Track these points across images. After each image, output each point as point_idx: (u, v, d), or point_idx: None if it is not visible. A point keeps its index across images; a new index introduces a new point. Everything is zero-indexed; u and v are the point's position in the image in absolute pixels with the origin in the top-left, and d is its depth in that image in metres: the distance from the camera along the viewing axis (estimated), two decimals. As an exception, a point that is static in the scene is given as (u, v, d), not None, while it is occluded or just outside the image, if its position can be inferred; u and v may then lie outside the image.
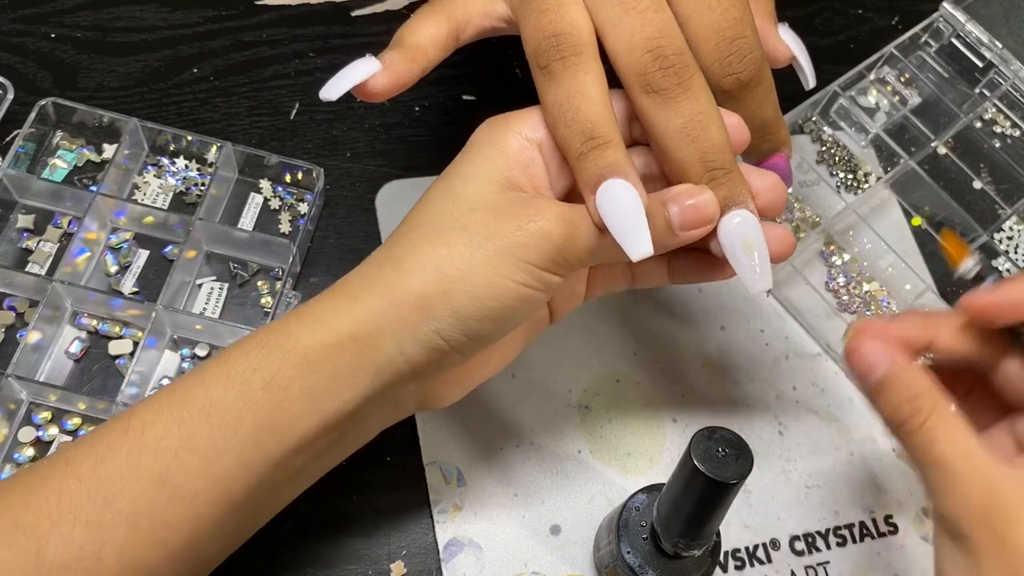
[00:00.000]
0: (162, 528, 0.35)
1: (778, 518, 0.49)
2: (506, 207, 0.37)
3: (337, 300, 0.38)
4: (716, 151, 0.37)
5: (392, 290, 0.37)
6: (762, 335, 0.54)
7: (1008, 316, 0.37)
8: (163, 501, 0.35)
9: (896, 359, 0.38)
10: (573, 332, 0.53)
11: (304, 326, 0.37)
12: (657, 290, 0.55)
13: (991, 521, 0.34)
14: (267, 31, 0.61)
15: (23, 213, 0.53)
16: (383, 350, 0.37)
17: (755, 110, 0.40)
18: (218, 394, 0.36)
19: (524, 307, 0.38)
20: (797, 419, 0.52)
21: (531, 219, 0.37)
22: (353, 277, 0.39)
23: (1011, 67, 0.59)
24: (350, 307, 0.37)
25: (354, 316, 0.37)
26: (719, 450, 0.35)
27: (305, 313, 0.38)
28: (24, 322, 0.49)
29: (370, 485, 0.47)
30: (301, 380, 0.36)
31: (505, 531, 0.47)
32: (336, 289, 0.39)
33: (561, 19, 0.38)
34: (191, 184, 0.55)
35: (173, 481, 0.35)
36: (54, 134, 0.55)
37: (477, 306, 0.36)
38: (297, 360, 0.36)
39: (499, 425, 0.49)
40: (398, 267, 0.37)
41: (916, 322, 0.40)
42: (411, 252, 0.37)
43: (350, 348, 0.37)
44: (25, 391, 0.47)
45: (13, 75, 0.56)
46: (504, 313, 0.37)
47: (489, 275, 0.36)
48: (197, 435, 0.35)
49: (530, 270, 0.37)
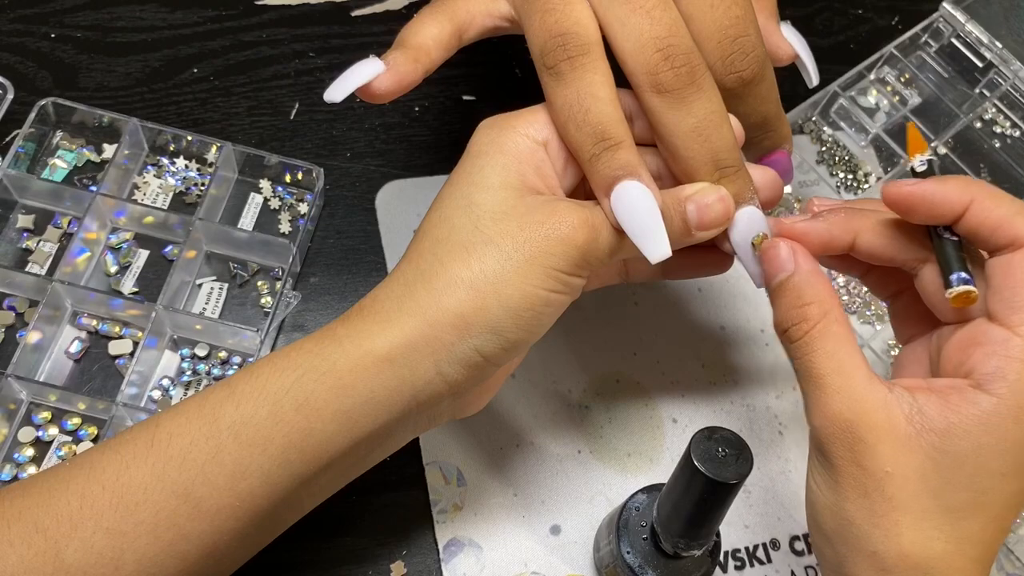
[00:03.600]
0: (183, 541, 0.35)
1: (778, 518, 0.49)
2: (528, 215, 0.37)
3: (369, 322, 0.37)
4: (727, 150, 0.38)
5: (427, 311, 0.36)
6: (762, 335, 0.54)
7: (924, 211, 0.36)
8: (186, 514, 0.35)
9: (801, 264, 0.38)
10: (573, 332, 0.53)
11: (339, 347, 0.37)
12: (657, 290, 0.55)
13: (851, 440, 0.35)
14: (267, 31, 0.61)
15: (23, 213, 0.53)
16: (420, 372, 0.37)
17: (757, 107, 0.40)
18: (249, 412, 0.35)
19: (555, 312, 0.38)
20: (797, 419, 0.52)
21: (556, 227, 0.37)
22: (382, 296, 0.38)
23: (1011, 67, 0.59)
24: (384, 329, 0.37)
25: (389, 339, 0.36)
26: (719, 450, 0.35)
27: (340, 335, 0.37)
28: (24, 322, 0.49)
29: (370, 485, 0.47)
30: (336, 404, 0.36)
31: (505, 531, 0.47)
32: (365, 310, 0.38)
33: (567, 18, 0.37)
34: (191, 184, 0.55)
35: (197, 495, 0.35)
36: (54, 134, 0.55)
37: (513, 318, 0.36)
38: (332, 383, 0.36)
39: (499, 425, 0.49)
40: (429, 286, 0.37)
41: (839, 222, 0.39)
42: (441, 270, 0.37)
43: (387, 372, 0.36)
44: (25, 391, 0.47)
45: (13, 75, 0.56)
46: (538, 320, 0.37)
47: (522, 286, 0.36)
48: (225, 451, 0.35)
49: (559, 276, 0.37)
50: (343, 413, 0.36)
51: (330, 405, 0.36)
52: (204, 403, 0.36)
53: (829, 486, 0.36)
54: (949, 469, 0.34)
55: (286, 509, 0.38)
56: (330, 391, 0.36)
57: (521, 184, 0.38)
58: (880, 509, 0.34)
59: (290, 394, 0.36)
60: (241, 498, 0.35)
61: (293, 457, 0.36)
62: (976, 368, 0.35)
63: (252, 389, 0.36)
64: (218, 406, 0.36)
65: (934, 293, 0.38)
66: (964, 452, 0.33)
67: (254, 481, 0.35)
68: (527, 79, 0.39)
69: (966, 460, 0.33)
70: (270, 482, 0.36)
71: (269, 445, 0.35)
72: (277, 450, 0.35)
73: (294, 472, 0.36)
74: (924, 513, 0.34)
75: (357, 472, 0.40)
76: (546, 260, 0.36)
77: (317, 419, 0.36)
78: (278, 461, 0.36)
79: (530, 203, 0.37)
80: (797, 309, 0.37)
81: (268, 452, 0.35)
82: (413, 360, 0.36)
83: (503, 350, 0.37)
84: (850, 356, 0.36)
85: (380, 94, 0.40)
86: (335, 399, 0.36)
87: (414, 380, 0.37)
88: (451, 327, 0.36)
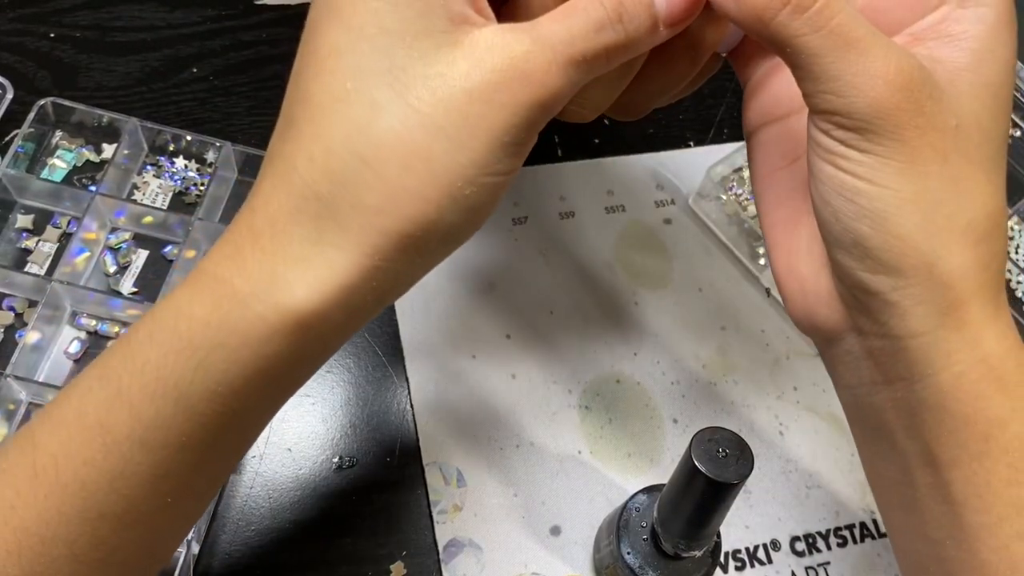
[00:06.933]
0: (115, 553, 0.30)
1: (778, 519, 0.49)
2: (474, 71, 0.28)
3: (276, 262, 0.29)
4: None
5: (361, 236, 0.29)
6: (762, 335, 0.54)
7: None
8: (109, 528, 0.30)
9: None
10: (573, 332, 0.53)
11: (245, 310, 0.29)
12: (657, 290, 0.55)
13: (919, 100, 0.29)
14: (267, 31, 0.60)
15: (22, 213, 0.52)
16: (358, 314, 0.30)
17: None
18: (149, 415, 0.29)
19: (505, 192, 0.31)
20: (797, 419, 0.52)
21: (519, 87, 0.29)
22: (283, 220, 0.29)
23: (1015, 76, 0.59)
24: (303, 271, 0.29)
25: (315, 286, 0.29)
26: (719, 451, 0.35)
27: (241, 290, 0.29)
28: (23, 322, 0.49)
29: (370, 485, 0.47)
30: (259, 380, 0.30)
31: (505, 531, 0.47)
32: (263, 240, 0.29)
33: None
34: (190, 184, 0.54)
35: (114, 512, 0.29)
36: (53, 134, 0.55)
37: (472, 222, 0.30)
38: (247, 359, 0.29)
39: (499, 425, 0.49)
40: (358, 201, 0.29)
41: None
42: (370, 176, 0.29)
43: (317, 328, 0.29)
44: (24, 391, 0.47)
45: (12, 75, 0.56)
46: (492, 211, 0.31)
47: (482, 179, 0.29)
48: (133, 462, 0.29)
49: (520, 151, 0.30)
50: (266, 390, 0.30)
51: (252, 384, 0.29)
52: (84, 409, 0.29)
53: (900, 174, 0.30)
54: (992, 100, 0.31)
55: (223, 475, 0.34)
56: (247, 369, 0.29)
57: (447, 16, 0.28)
58: (965, 171, 0.30)
59: (195, 385, 0.29)
60: (168, 495, 0.30)
61: (218, 446, 0.31)
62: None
63: (143, 384, 0.29)
64: (106, 412, 0.29)
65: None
66: (996, 74, 0.31)
67: (176, 481, 0.30)
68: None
69: (1000, 86, 0.31)
70: (196, 472, 0.31)
71: (187, 442, 0.29)
72: (197, 444, 0.30)
73: (223, 458, 0.32)
74: (991, 162, 0.31)
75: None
76: (507, 135, 0.28)
77: (237, 401, 0.29)
78: (200, 455, 0.30)
79: (470, 50, 0.28)
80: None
81: (187, 449, 0.30)
82: (350, 305, 0.29)
83: (447, 254, 0.31)
84: (864, 18, 0.30)
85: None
86: (256, 376, 0.29)
87: (350, 325, 0.30)
88: (397, 251, 0.29)
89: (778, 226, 0.36)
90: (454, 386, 0.50)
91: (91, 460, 0.29)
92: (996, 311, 0.31)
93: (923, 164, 0.30)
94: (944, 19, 0.32)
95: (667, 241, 0.57)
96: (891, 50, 0.29)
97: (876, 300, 0.31)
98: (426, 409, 0.49)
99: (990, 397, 0.31)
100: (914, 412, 0.32)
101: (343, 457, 0.47)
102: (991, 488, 0.31)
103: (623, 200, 0.58)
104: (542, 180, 0.58)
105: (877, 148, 0.30)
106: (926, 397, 0.31)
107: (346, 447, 0.48)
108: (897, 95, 0.29)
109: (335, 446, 0.48)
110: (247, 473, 0.46)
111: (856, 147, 0.30)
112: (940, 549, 0.33)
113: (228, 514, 0.45)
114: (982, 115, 0.31)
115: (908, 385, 0.32)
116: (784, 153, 0.36)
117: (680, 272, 0.56)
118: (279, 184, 0.29)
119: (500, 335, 0.52)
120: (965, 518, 0.31)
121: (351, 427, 0.48)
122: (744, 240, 0.57)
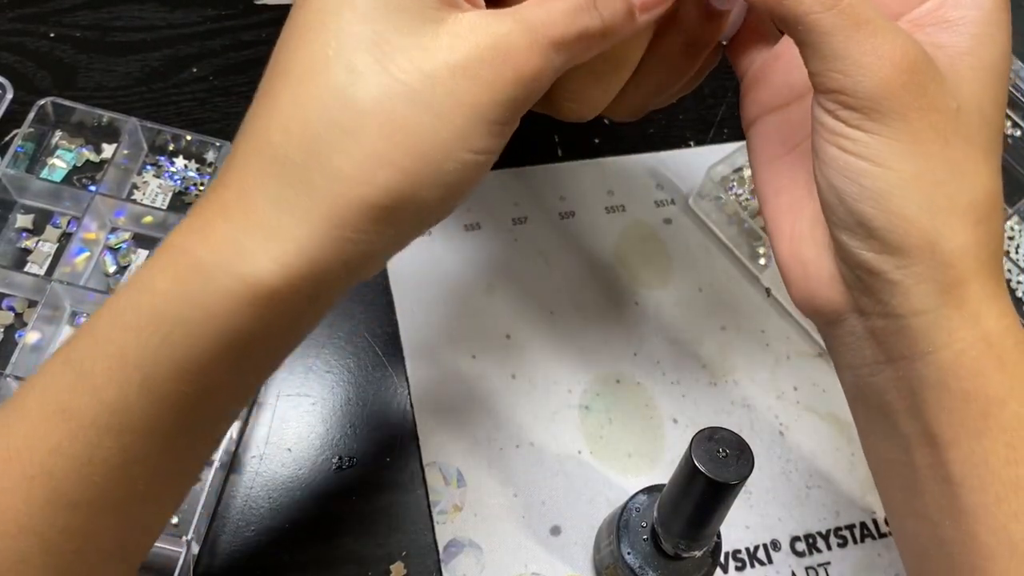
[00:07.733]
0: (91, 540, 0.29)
1: (779, 519, 0.49)
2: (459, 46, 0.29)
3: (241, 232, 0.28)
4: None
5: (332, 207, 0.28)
6: (763, 335, 0.54)
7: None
8: (80, 519, 0.29)
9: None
10: (573, 332, 0.52)
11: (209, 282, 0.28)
12: (657, 290, 0.55)
13: (923, 82, 0.30)
14: (267, 31, 0.60)
15: (22, 213, 0.52)
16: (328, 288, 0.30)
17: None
18: (112, 398, 0.28)
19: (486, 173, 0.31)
20: (797, 419, 0.52)
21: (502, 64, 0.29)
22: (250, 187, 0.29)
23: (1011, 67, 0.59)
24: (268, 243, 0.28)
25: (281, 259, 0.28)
26: (720, 451, 0.35)
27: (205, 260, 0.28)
28: (23, 322, 0.49)
29: (370, 485, 0.47)
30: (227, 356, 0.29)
31: (505, 531, 0.47)
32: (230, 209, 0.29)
33: None
34: (190, 184, 0.54)
35: (86, 500, 0.28)
36: (53, 134, 0.55)
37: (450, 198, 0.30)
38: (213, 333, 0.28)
39: (499, 425, 0.49)
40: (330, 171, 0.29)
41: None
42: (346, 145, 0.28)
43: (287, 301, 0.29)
44: (24, 391, 0.47)
45: (12, 75, 0.56)
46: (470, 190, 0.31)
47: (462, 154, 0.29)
48: (101, 447, 0.28)
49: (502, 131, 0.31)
50: (236, 367, 0.29)
51: (220, 361, 0.28)
52: (45, 395, 0.28)
53: (904, 154, 0.30)
54: (991, 83, 0.32)
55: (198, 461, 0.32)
56: (213, 344, 0.28)
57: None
58: (965, 152, 0.31)
59: (160, 364, 0.27)
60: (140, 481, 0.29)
61: (188, 429, 0.30)
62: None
63: (107, 366, 0.28)
64: (70, 397, 0.28)
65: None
66: (995, 58, 0.32)
67: (147, 466, 0.29)
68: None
69: (999, 70, 0.32)
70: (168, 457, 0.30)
71: (156, 425, 0.28)
72: (166, 427, 0.29)
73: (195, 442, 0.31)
74: (989, 144, 0.32)
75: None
76: (492, 112, 0.28)
77: (205, 378, 0.28)
78: (170, 440, 0.29)
79: (453, 27, 0.29)
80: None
81: (156, 433, 0.29)
82: (318, 278, 0.28)
83: (423, 231, 0.31)
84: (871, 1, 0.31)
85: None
86: (224, 351, 0.28)
87: (321, 300, 0.30)
88: (368, 221, 0.28)
89: (780, 213, 0.36)
90: (454, 386, 0.50)
91: (57, 447, 0.28)
92: (995, 290, 0.32)
93: (926, 145, 0.30)
94: (942, 5, 0.33)
95: (667, 241, 0.57)
96: (898, 34, 0.30)
97: (879, 280, 0.32)
98: (426, 409, 0.49)
99: (989, 375, 0.31)
100: (915, 391, 0.32)
101: (343, 457, 0.47)
102: (989, 467, 0.31)
103: (623, 200, 0.58)
104: (542, 180, 0.58)
105: (882, 129, 0.30)
106: (927, 375, 0.32)
107: (346, 447, 0.48)
108: (903, 77, 0.30)
109: (335, 446, 0.48)
110: (247, 473, 0.46)
111: (861, 128, 0.31)
112: (939, 530, 0.33)
113: (228, 514, 0.45)
114: (982, 98, 0.31)
115: (909, 363, 0.32)
116: (784, 140, 0.37)
117: (680, 272, 0.56)
118: (252, 155, 0.29)
119: (500, 335, 0.52)
120: (963, 498, 0.32)
121: (351, 427, 0.48)
122: (744, 240, 0.57)
